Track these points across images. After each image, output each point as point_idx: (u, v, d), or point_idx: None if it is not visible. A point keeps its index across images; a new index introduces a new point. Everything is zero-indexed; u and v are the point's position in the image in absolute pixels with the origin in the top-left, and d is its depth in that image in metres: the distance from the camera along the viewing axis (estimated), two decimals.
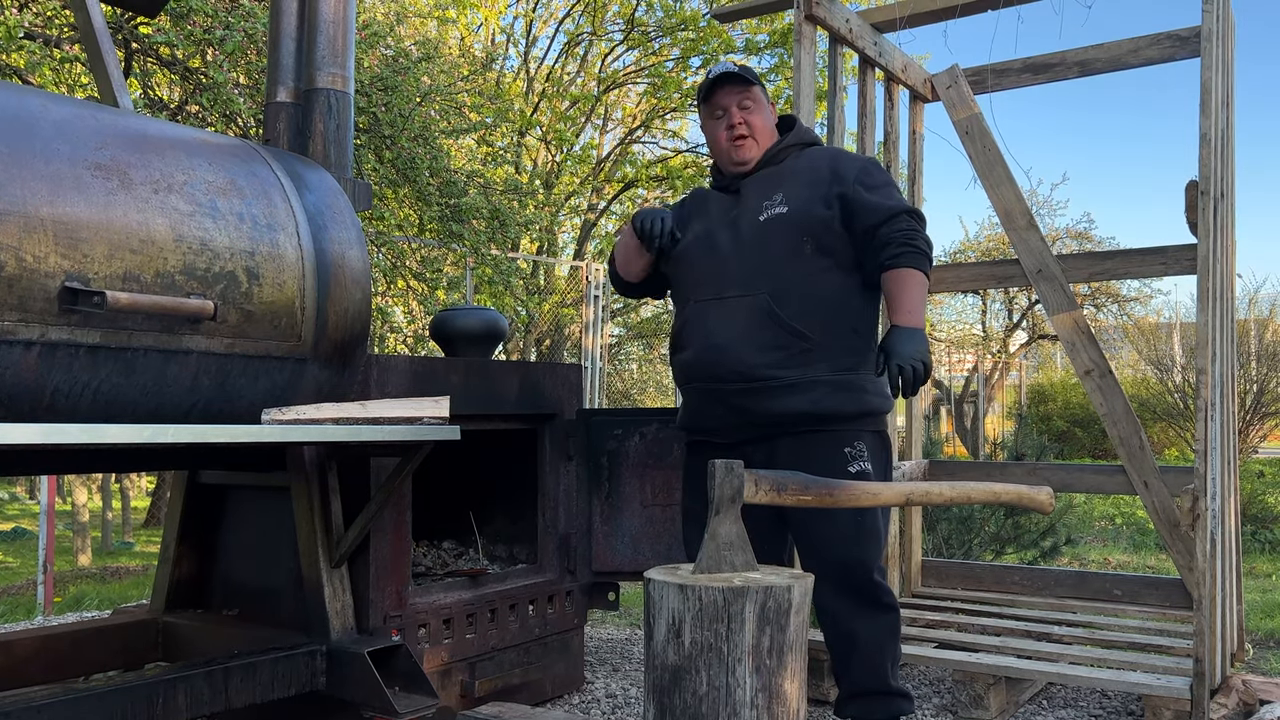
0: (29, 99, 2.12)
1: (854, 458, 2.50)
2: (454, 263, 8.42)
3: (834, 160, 2.65)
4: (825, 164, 2.63)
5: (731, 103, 2.67)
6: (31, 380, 1.98)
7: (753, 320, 2.50)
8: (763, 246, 2.55)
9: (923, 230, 2.53)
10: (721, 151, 2.72)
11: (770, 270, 2.53)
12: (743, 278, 2.54)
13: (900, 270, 2.49)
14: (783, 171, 2.66)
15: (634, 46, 12.64)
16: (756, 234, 2.57)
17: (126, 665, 2.87)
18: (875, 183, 2.58)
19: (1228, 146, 3.49)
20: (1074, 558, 6.76)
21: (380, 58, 6.61)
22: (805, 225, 2.53)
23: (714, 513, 1.84)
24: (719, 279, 2.59)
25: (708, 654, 1.69)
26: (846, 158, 2.67)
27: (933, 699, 3.48)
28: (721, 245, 2.63)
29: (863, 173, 2.59)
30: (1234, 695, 3.10)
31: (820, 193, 2.56)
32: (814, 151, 2.71)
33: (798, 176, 2.62)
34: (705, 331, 2.58)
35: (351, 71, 3.03)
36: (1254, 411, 11.50)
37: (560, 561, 3.42)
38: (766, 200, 2.60)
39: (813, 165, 2.64)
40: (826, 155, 2.69)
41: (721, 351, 2.53)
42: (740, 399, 2.52)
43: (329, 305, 2.53)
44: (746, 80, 2.68)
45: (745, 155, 2.67)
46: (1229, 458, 3.43)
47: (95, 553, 8.05)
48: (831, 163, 2.63)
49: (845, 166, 2.61)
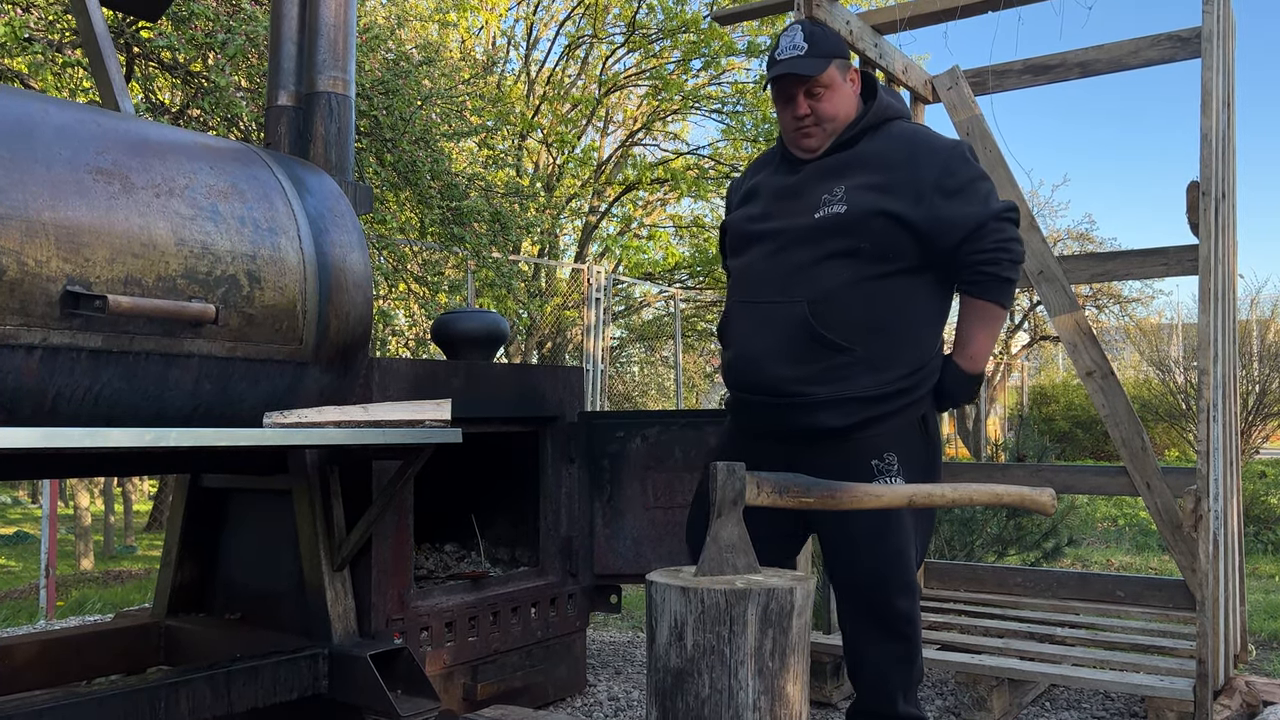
0: (30, 103, 2.12)
1: (881, 471, 2.27)
2: (455, 266, 8.43)
3: (913, 150, 2.32)
4: (903, 153, 2.31)
5: (797, 91, 2.36)
6: (33, 384, 1.98)
7: (787, 332, 2.28)
8: (810, 249, 2.30)
9: (1010, 242, 2.25)
10: (787, 136, 2.44)
11: (813, 276, 2.28)
12: (782, 282, 2.31)
13: (975, 302, 2.27)
14: (852, 157, 2.35)
15: (635, 49, 12.65)
16: (806, 234, 2.31)
17: (129, 669, 2.87)
18: (957, 184, 2.27)
19: (1229, 147, 3.48)
20: (1076, 559, 6.76)
21: (381, 61, 6.62)
22: (862, 229, 2.26)
23: (715, 515, 1.84)
24: (758, 279, 2.37)
25: (710, 656, 1.69)
26: (926, 148, 2.32)
27: (936, 701, 3.47)
28: (769, 238, 2.38)
29: (944, 173, 2.27)
30: (1237, 697, 3.09)
31: (888, 192, 2.26)
32: (894, 130, 2.38)
33: (867, 165, 2.32)
34: (740, 337, 2.39)
35: (352, 75, 3.03)
36: (1256, 412, 11.49)
37: (562, 564, 3.42)
38: (826, 193, 2.32)
39: (888, 152, 2.33)
40: (906, 141, 2.35)
41: (753, 363, 2.34)
42: (768, 412, 2.33)
43: (330, 309, 2.53)
44: (813, 70, 2.33)
45: (811, 145, 2.39)
46: (1231, 459, 3.43)
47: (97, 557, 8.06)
48: (910, 153, 2.31)
49: (925, 161, 2.28)
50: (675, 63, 12.51)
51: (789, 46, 2.35)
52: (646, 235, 13.92)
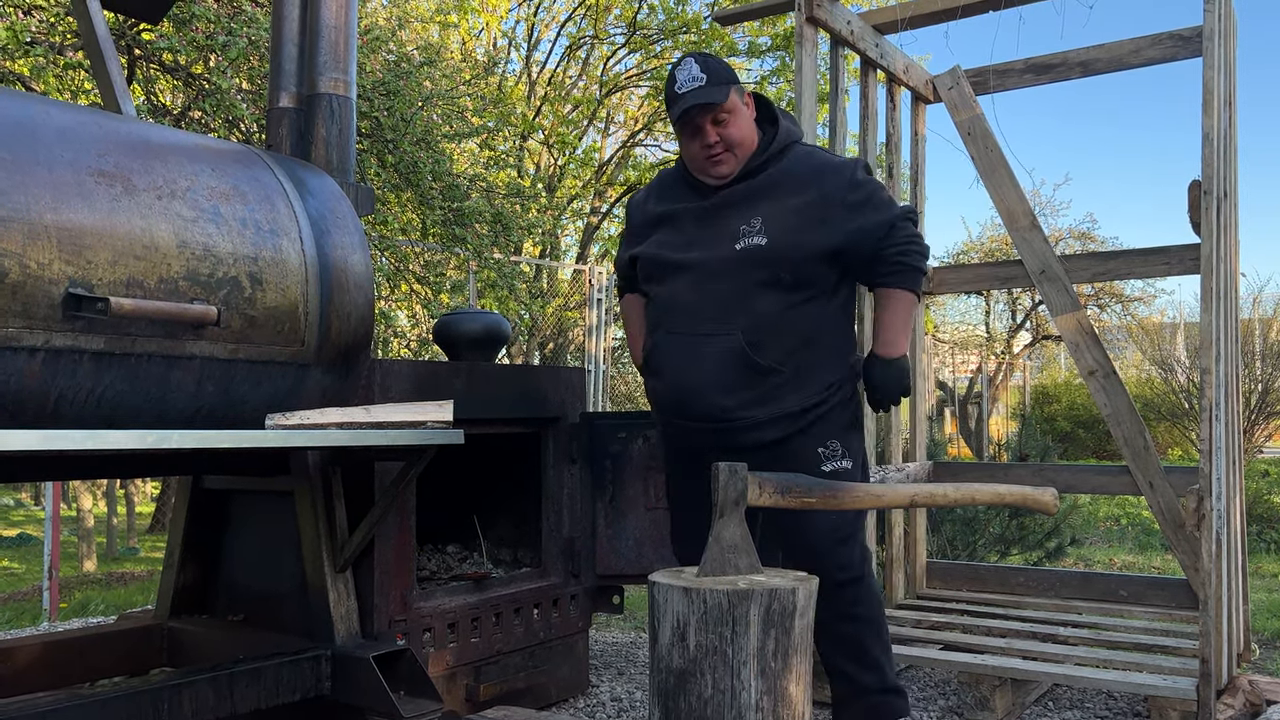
0: (32, 106, 2.12)
1: (828, 457, 2.45)
2: (457, 266, 8.43)
3: (817, 175, 2.46)
4: (808, 178, 2.45)
5: (704, 121, 2.43)
6: (36, 386, 1.98)
7: (725, 361, 2.41)
8: (736, 279, 2.41)
9: (916, 237, 2.44)
10: (696, 165, 2.50)
11: (744, 307, 2.40)
12: (715, 313, 2.42)
13: (888, 291, 2.45)
14: (762, 184, 2.46)
15: (635, 49, 12.65)
16: (730, 265, 2.42)
17: (132, 671, 2.87)
18: (860, 197, 2.44)
19: (1230, 146, 3.48)
20: (1079, 559, 6.75)
21: (382, 62, 6.62)
22: (784, 260, 2.39)
23: (718, 515, 1.84)
24: (690, 311, 2.46)
25: (713, 657, 1.69)
26: (830, 171, 2.48)
27: (939, 701, 3.47)
28: (691, 268, 2.46)
29: (849, 188, 2.43)
30: (1240, 696, 3.09)
31: (803, 221, 2.40)
32: (795, 157, 2.50)
33: (778, 195, 2.44)
34: (675, 368, 2.48)
35: (353, 76, 3.04)
36: (1259, 411, 11.48)
37: (564, 565, 3.42)
38: (744, 224, 2.42)
39: (795, 179, 2.45)
40: (809, 167, 2.48)
41: (692, 394, 2.45)
42: (707, 436, 2.47)
43: (332, 310, 2.53)
44: (718, 98, 2.40)
45: (723, 171, 2.47)
46: (1234, 458, 3.42)
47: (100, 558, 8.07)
48: (815, 178, 2.45)
49: (830, 183, 2.44)
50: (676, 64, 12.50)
51: (687, 79, 2.41)
52: None
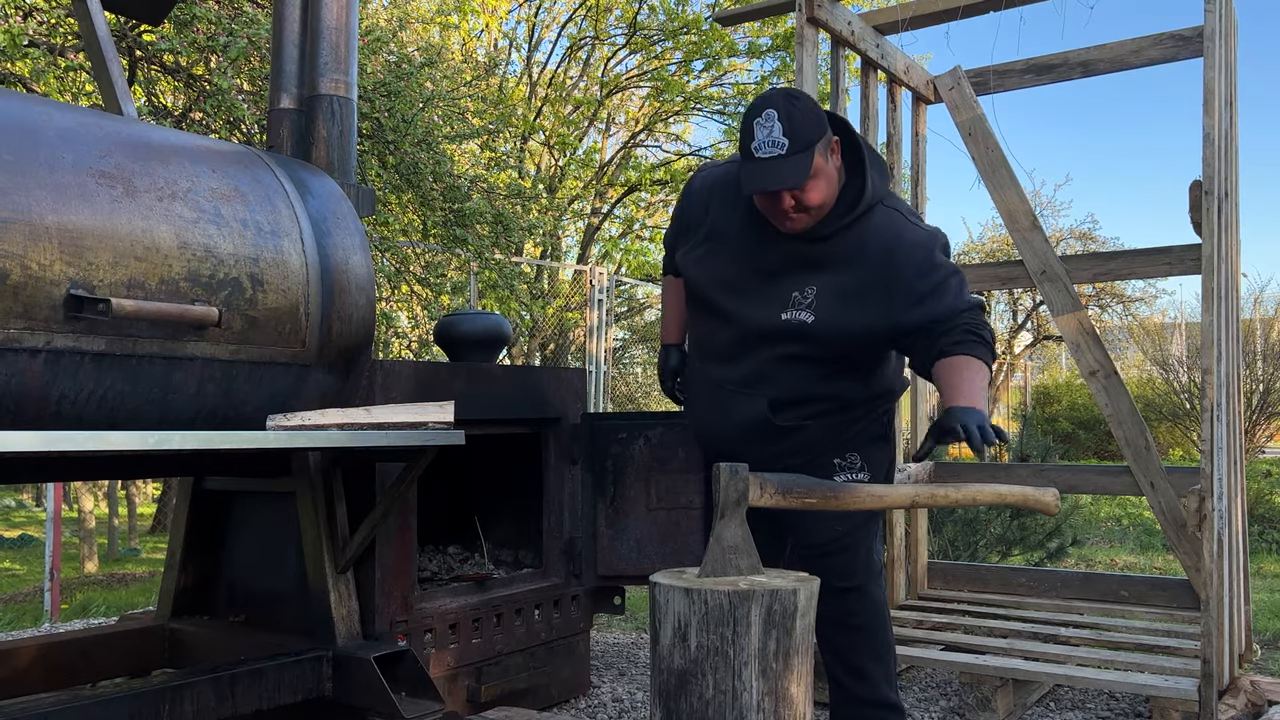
0: (33, 107, 2.12)
1: (843, 468, 2.38)
2: (458, 267, 8.43)
3: (889, 252, 2.23)
4: (880, 254, 2.23)
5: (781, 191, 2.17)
6: (37, 387, 1.99)
7: (749, 419, 2.35)
8: (773, 349, 2.29)
9: (985, 324, 2.23)
10: (769, 215, 2.24)
11: (774, 377, 2.31)
12: (746, 374, 2.34)
13: (958, 357, 2.16)
14: (827, 253, 2.24)
15: (636, 50, 12.65)
16: (771, 334, 2.27)
17: (133, 672, 2.87)
18: (929, 286, 2.22)
19: (1231, 146, 3.48)
20: (1080, 559, 6.75)
21: (383, 63, 6.63)
22: (824, 343, 2.25)
23: (719, 516, 1.84)
24: (723, 360, 2.37)
25: (714, 658, 1.69)
26: (904, 249, 2.23)
27: (940, 701, 3.47)
28: (733, 321, 2.33)
29: (918, 275, 2.22)
30: (1242, 696, 3.09)
31: (857, 304, 2.22)
32: (873, 224, 2.25)
33: (841, 267, 2.23)
34: (702, 416, 2.48)
35: (354, 77, 3.04)
36: (1260, 411, 11.48)
37: (565, 566, 3.42)
38: (797, 290, 2.24)
39: (865, 252, 2.23)
40: (884, 240, 2.24)
41: (718, 441, 2.43)
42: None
43: (333, 311, 2.53)
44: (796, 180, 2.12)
45: (795, 229, 2.23)
46: (1235, 458, 3.42)
47: (101, 559, 8.07)
48: (887, 255, 2.23)
49: (902, 264, 2.22)
50: (677, 64, 12.52)
51: (767, 143, 2.11)
52: (649, 237, 13.92)
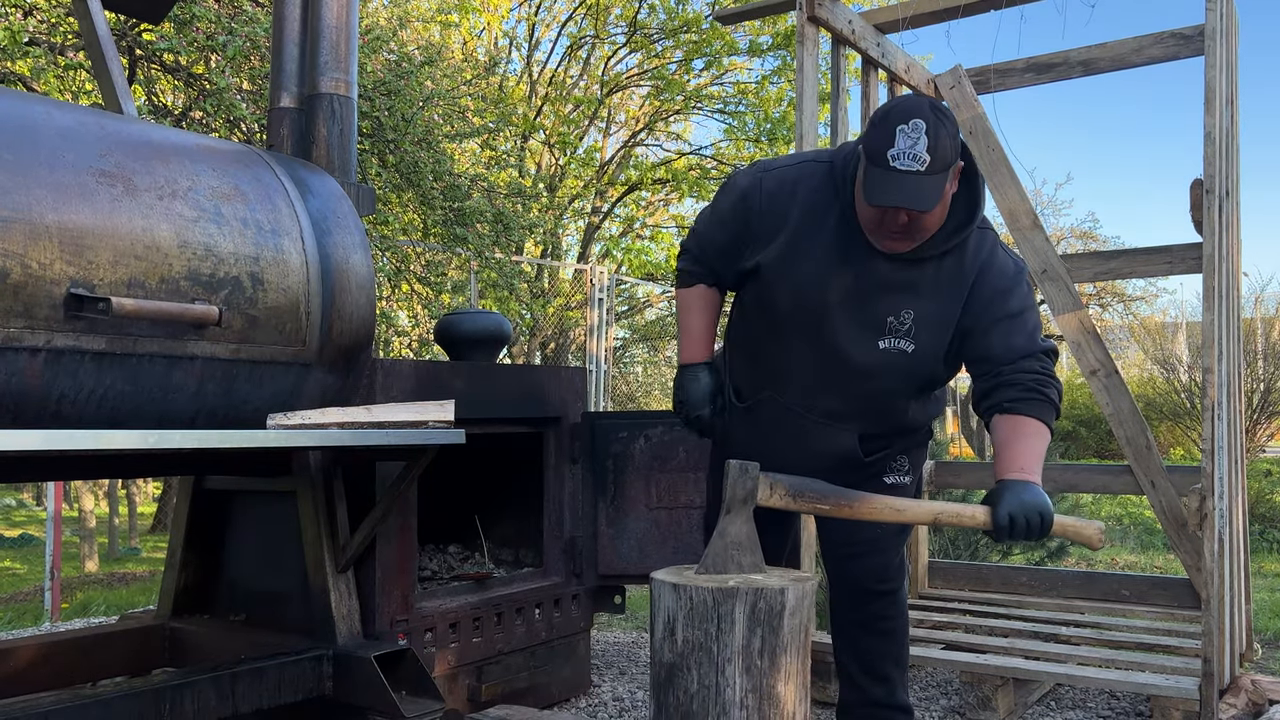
0: (33, 106, 2.12)
1: (893, 470, 2.35)
2: (458, 266, 8.43)
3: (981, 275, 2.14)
4: (970, 274, 2.14)
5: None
6: (38, 386, 1.98)
7: (834, 453, 2.26)
8: (869, 381, 2.19)
9: (1055, 377, 2.13)
10: (869, 229, 2.10)
11: (868, 409, 2.24)
12: (836, 406, 2.23)
13: (1020, 418, 2.05)
14: (928, 275, 2.13)
15: (636, 49, 12.65)
16: (867, 360, 2.16)
17: (134, 671, 2.87)
18: (1010, 312, 2.14)
19: (1232, 145, 3.48)
20: (1081, 558, 6.74)
21: (383, 62, 6.63)
22: (925, 373, 2.20)
23: (725, 511, 1.84)
24: (807, 390, 2.23)
25: (698, 653, 1.70)
26: (994, 273, 2.15)
27: (940, 700, 3.47)
28: (823, 349, 2.19)
29: (1000, 297, 2.13)
30: (1243, 695, 3.09)
31: (950, 327, 2.15)
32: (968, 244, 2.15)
33: (940, 292, 2.14)
34: (776, 446, 2.27)
35: (354, 76, 3.04)
36: (1261, 410, 11.48)
37: (566, 565, 3.42)
38: (894, 315, 2.13)
39: (961, 274, 2.14)
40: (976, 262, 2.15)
41: (786, 465, 2.25)
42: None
43: (333, 310, 2.53)
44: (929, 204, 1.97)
45: (897, 249, 2.11)
46: (1236, 457, 3.42)
47: (102, 559, 8.07)
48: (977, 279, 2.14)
49: (987, 287, 2.14)
50: (677, 63, 12.51)
51: (907, 153, 1.92)
52: (649, 236, 13.92)
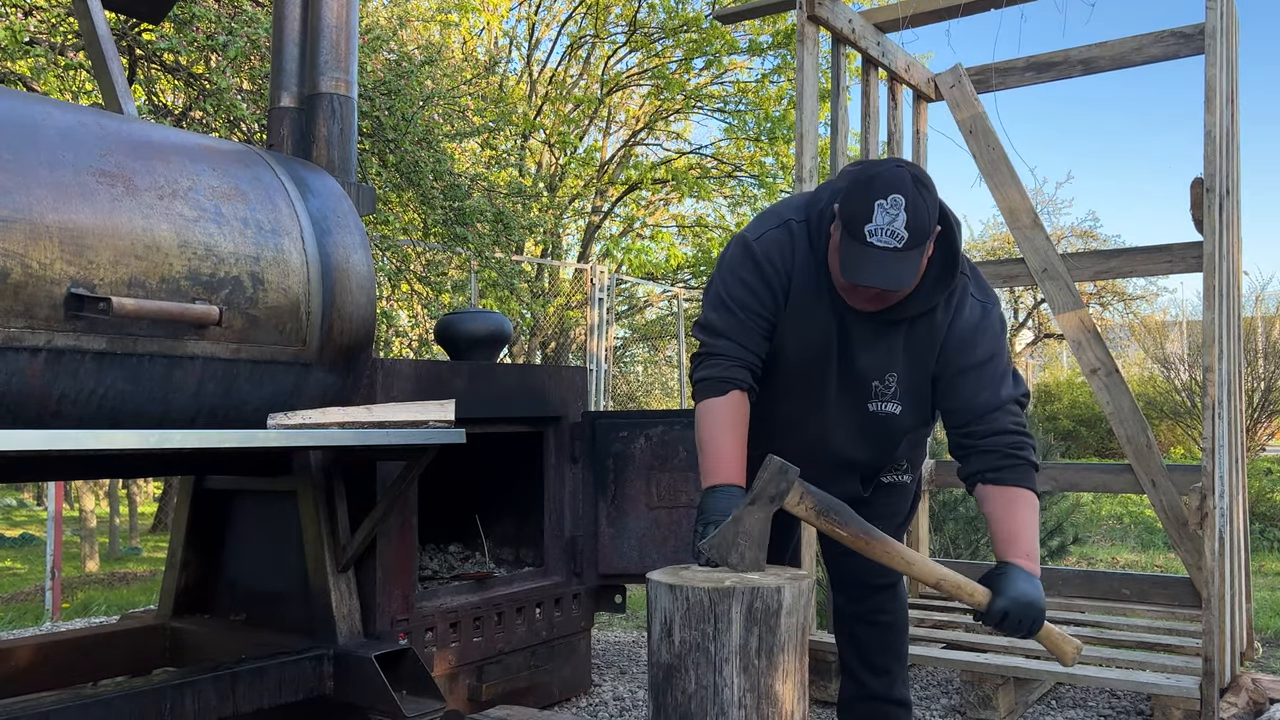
0: (34, 106, 2.12)
1: (891, 469, 2.42)
2: (458, 266, 8.43)
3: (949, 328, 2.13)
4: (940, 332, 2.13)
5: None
6: (38, 386, 1.98)
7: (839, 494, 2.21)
8: (862, 440, 2.25)
9: (1027, 430, 2.11)
10: (841, 289, 2.07)
11: (862, 459, 2.31)
12: (833, 463, 2.27)
13: (1009, 490, 2.04)
14: (904, 335, 2.13)
15: (636, 48, 12.65)
16: (858, 422, 2.22)
17: (134, 671, 2.87)
18: (975, 360, 2.12)
19: (1233, 143, 3.48)
20: (1081, 557, 6.75)
21: (383, 62, 6.63)
22: (913, 427, 2.28)
23: (748, 501, 1.82)
24: (803, 451, 2.17)
25: (695, 653, 1.70)
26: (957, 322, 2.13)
27: (941, 700, 3.47)
28: (816, 402, 2.22)
29: (964, 347, 2.12)
30: (1244, 694, 3.09)
31: (928, 382, 2.18)
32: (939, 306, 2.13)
33: (918, 352, 2.14)
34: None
35: (354, 76, 3.04)
36: (1261, 409, 11.48)
37: (566, 564, 3.42)
38: (878, 380, 2.17)
39: (933, 331, 2.13)
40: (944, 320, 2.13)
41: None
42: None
43: (334, 310, 2.53)
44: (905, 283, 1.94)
45: (870, 309, 2.08)
46: (1236, 456, 3.42)
47: (103, 558, 8.08)
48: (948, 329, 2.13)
49: (950, 338, 2.13)
50: (677, 62, 12.52)
51: (885, 231, 1.88)
52: (649, 235, 13.93)
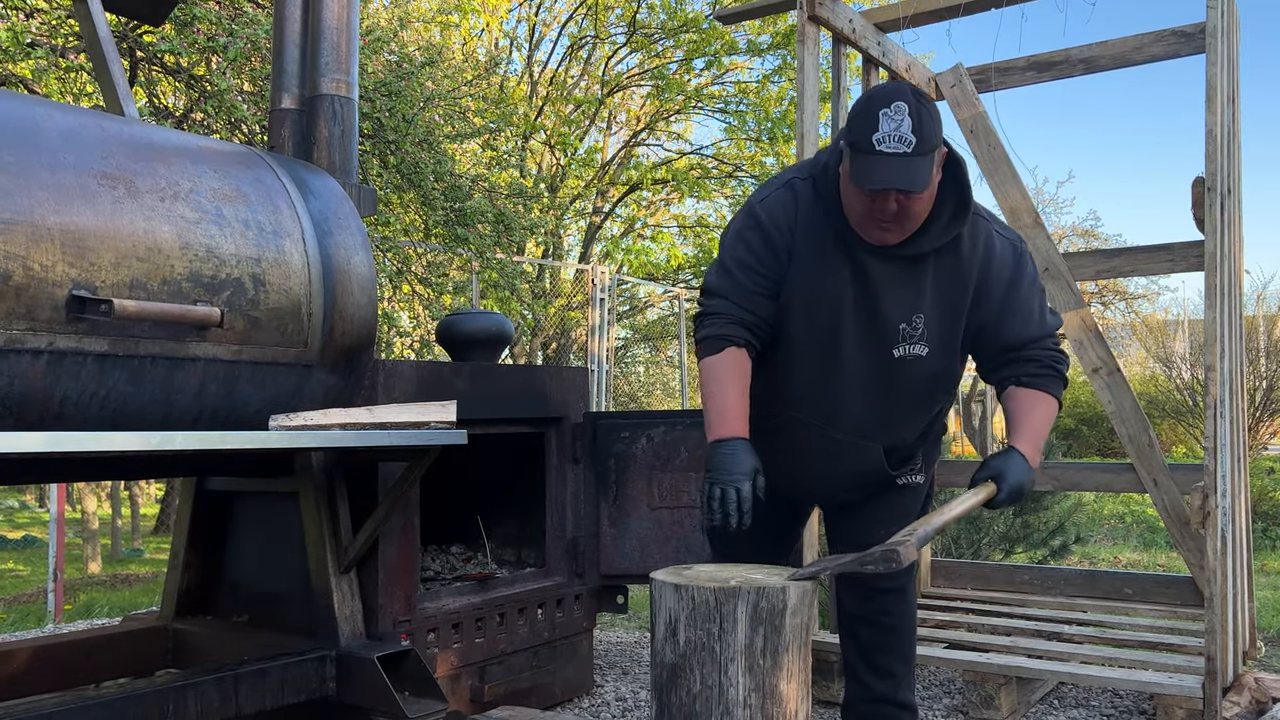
0: (35, 108, 2.12)
1: (906, 471, 2.40)
2: (459, 267, 8.44)
3: (985, 266, 2.17)
4: (972, 264, 2.16)
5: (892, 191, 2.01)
6: (40, 388, 1.99)
7: (856, 469, 2.31)
8: (890, 390, 2.21)
9: (1063, 351, 2.24)
10: (858, 223, 2.11)
11: (891, 421, 2.26)
12: (859, 423, 2.24)
13: (1037, 393, 2.18)
14: (930, 275, 2.15)
15: (637, 49, 12.65)
16: (885, 371, 2.19)
17: (137, 672, 2.87)
18: (1021, 300, 2.19)
19: (1234, 143, 3.48)
20: (1084, 556, 6.74)
21: (384, 63, 6.63)
22: (942, 373, 2.23)
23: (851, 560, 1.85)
24: (828, 410, 2.24)
25: (701, 653, 1.71)
26: (997, 262, 2.17)
27: (943, 699, 3.47)
28: (839, 364, 2.20)
29: (1011, 288, 2.18)
30: (1246, 693, 3.08)
31: (959, 319, 2.18)
32: (963, 236, 2.15)
33: (943, 290, 2.16)
34: (800, 466, 2.33)
35: (355, 77, 3.04)
36: (1263, 408, 11.48)
37: (568, 565, 3.42)
38: (905, 321, 2.16)
39: (961, 267, 2.16)
40: (975, 250, 2.16)
41: (813, 483, 2.39)
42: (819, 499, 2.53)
43: (335, 311, 2.53)
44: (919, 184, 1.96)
45: (887, 240, 2.11)
46: (1238, 455, 3.42)
47: (105, 560, 8.08)
48: (982, 271, 2.17)
49: (994, 278, 2.17)
50: (678, 62, 12.51)
51: (892, 135, 1.93)
52: (650, 236, 13.93)
